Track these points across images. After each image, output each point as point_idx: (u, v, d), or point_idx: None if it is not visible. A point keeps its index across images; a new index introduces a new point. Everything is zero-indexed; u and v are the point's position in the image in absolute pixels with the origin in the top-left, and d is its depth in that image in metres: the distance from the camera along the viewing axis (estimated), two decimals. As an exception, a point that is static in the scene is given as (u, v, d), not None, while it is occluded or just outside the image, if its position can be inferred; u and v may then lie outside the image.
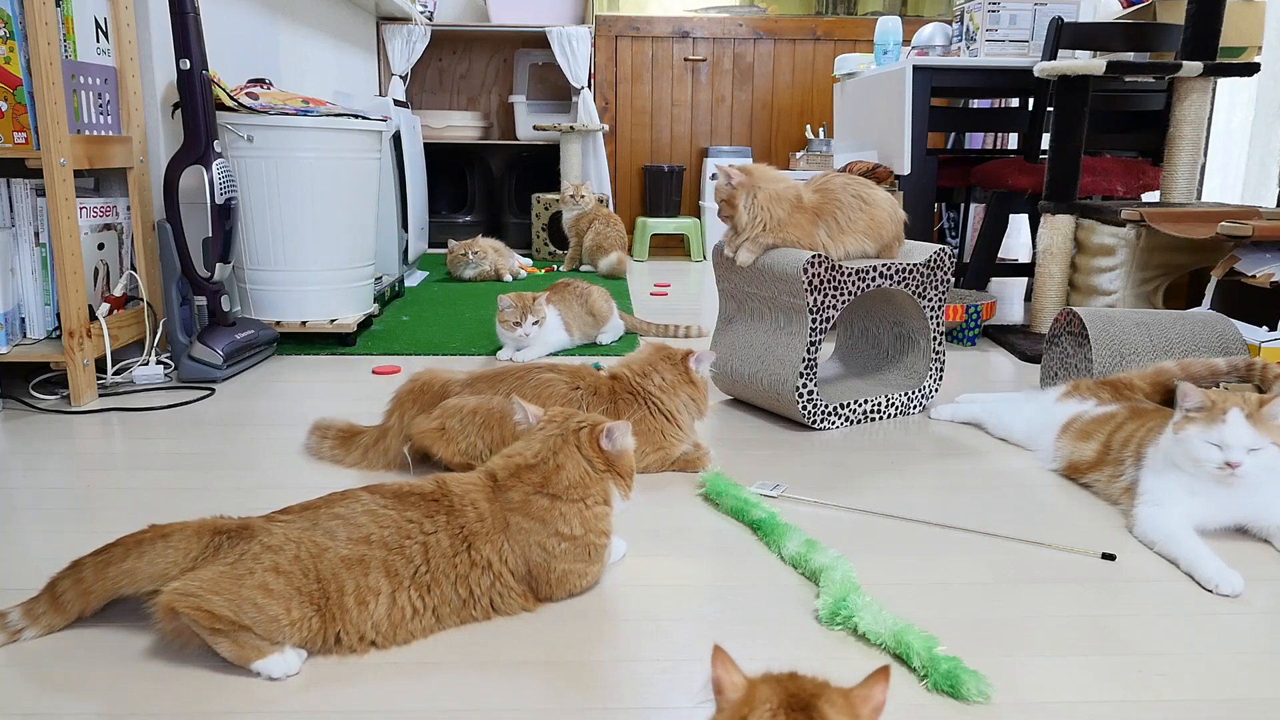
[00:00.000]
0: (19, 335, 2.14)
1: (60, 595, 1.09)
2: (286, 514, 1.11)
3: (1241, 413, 1.37)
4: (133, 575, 1.05)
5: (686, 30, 4.98)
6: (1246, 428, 1.35)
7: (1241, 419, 1.36)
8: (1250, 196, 3.70)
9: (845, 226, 1.97)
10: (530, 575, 1.17)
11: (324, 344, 2.68)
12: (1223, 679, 1.06)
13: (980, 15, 3.25)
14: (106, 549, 1.08)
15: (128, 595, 1.07)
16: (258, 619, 1.00)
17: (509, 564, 1.15)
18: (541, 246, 4.73)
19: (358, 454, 1.72)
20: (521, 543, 1.15)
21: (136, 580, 1.05)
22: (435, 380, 1.72)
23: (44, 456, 1.75)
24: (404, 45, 4.88)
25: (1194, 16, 2.76)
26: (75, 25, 2.11)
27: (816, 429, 1.97)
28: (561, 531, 1.16)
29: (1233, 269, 2.19)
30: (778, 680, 0.71)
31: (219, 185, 2.28)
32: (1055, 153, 2.73)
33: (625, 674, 1.06)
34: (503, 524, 1.15)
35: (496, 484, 1.18)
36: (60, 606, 1.10)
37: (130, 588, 1.06)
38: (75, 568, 1.09)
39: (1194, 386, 1.42)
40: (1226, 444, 1.35)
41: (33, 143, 1.98)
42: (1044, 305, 2.78)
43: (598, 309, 2.76)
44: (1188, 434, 1.40)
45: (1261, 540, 1.42)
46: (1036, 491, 1.64)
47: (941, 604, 1.23)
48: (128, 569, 1.05)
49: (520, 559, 1.15)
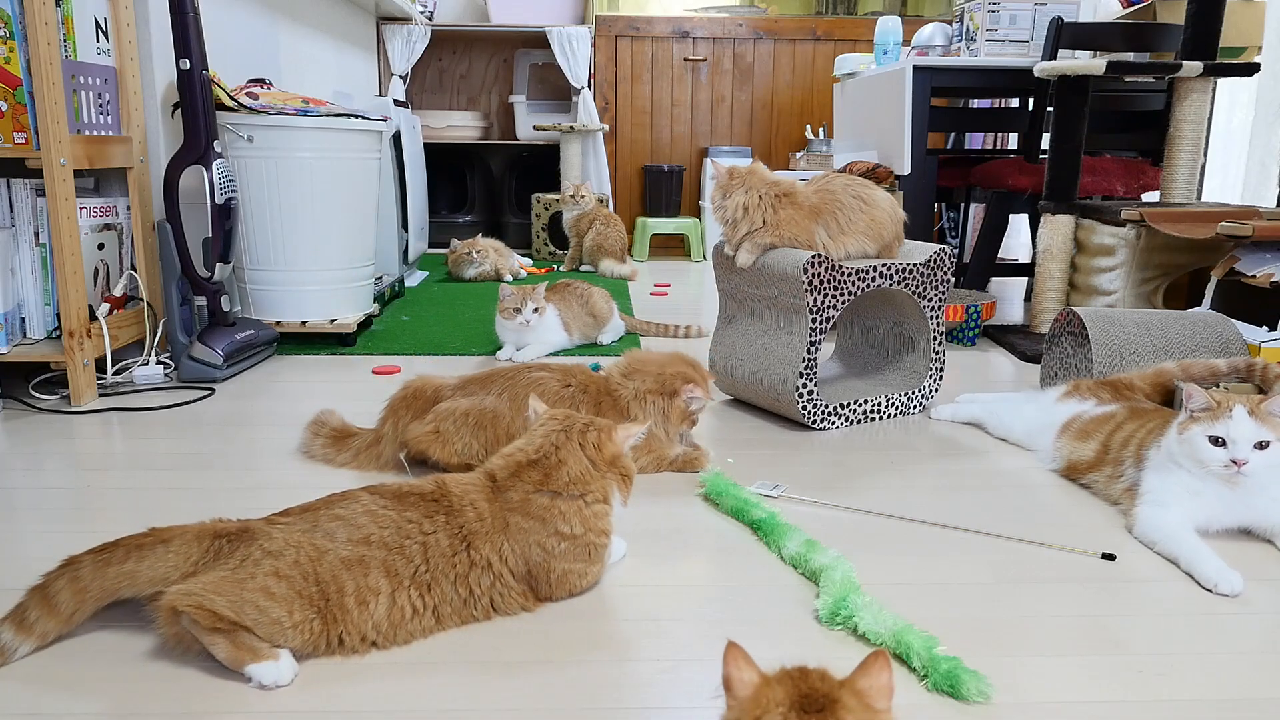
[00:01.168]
0: (19, 335, 2.14)
1: (54, 596, 1.05)
2: (286, 516, 1.11)
3: (1245, 409, 1.37)
4: (133, 578, 1.05)
5: (686, 30, 4.98)
6: (1251, 423, 1.35)
7: (1246, 415, 1.36)
8: (1250, 196, 3.70)
9: (845, 227, 1.97)
10: (530, 575, 1.17)
11: (324, 344, 2.68)
12: (1223, 679, 1.06)
13: (980, 15, 3.25)
14: (106, 549, 1.07)
15: (125, 598, 1.07)
16: (259, 621, 1.00)
17: (509, 564, 1.15)
18: (541, 246, 4.73)
19: (348, 455, 1.72)
20: (521, 542, 1.15)
21: (136, 583, 1.05)
22: (427, 386, 1.73)
23: (44, 456, 1.75)
24: (404, 45, 4.88)
25: (1194, 16, 2.76)
26: (75, 25, 2.11)
27: (816, 429, 1.97)
28: (561, 531, 1.16)
29: (1233, 269, 2.19)
30: (790, 678, 0.69)
31: (219, 185, 2.28)
32: (1055, 153, 2.73)
33: (625, 674, 1.06)
34: (502, 524, 1.15)
35: (496, 484, 1.18)
36: (54, 608, 1.05)
37: (130, 590, 1.05)
38: (71, 565, 1.06)
39: (1198, 388, 1.42)
40: (1232, 439, 1.35)
41: (33, 143, 1.98)
42: (1044, 305, 2.78)
43: (598, 310, 2.76)
44: (1192, 434, 1.39)
45: (1264, 541, 1.42)
46: (1036, 491, 1.64)
47: (941, 604, 1.23)
48: (128, 571, 1.05)
49: (520, 559, 1.15)
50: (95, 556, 1.06)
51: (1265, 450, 1.35)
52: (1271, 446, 1.35)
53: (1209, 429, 1.38)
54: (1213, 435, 1.37)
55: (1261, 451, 1.35)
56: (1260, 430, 1.35)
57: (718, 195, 2.01)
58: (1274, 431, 1.35)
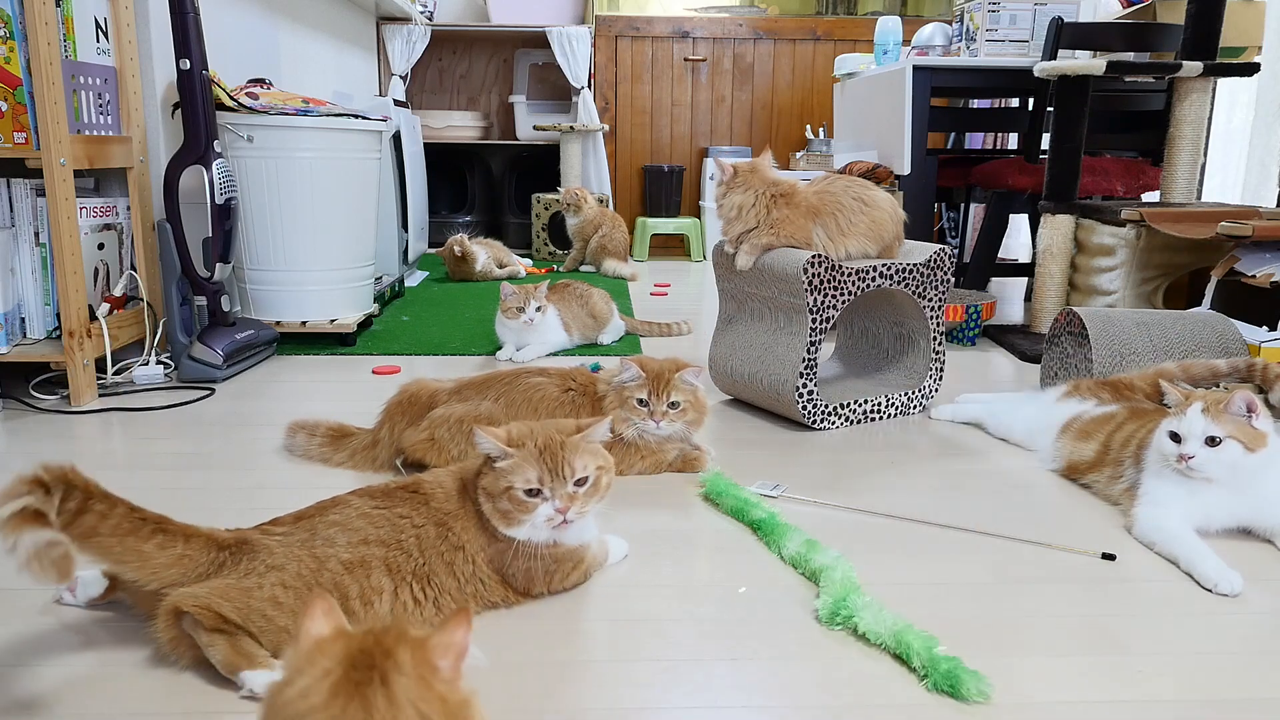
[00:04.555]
0: (19, 335, 2.14)
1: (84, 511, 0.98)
2: (279, 525, 1.12)
3: (1201, 406, 1.40)
4: (144, 562, 1.01)
5: (686, 30, 4.98)
6: (1202, 420, 1.39)
7: (1199, 412, 1.40)
8: (1250, 196, 3.70)
9: (845, 228, 1.97)
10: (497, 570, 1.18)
11: (324, 344, 2.68)
12: (1222, 679, 1.06)
13: (980, 15, 3.25)
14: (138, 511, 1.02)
15: (125, 580, 1.05)
16: (265, 629, 1.01)
17: (476, 546, 1.16)
18: (541, 247, 4.73)
19: (345, 454, 1.72)
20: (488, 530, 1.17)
21: (146, 567, 1.01)
22: (423, 391, 1.72)
23: (44, 456, 1.74)
24: (404, 45, 4.88)
25: (1194, 16, 2.76)
26: (75, 25, 2.11)
27: (816, 429, 1.97)
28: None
29: (1233, 269, 2.19)
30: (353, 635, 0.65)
31: (219, 185, 2.28)
32: (1055, 153, 2.73)
33: (625, 674, 1.06)
34: (464, 500, 1.17)
35: (463, 470, 1.21)
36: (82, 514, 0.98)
37: (133, 571, 1.01)
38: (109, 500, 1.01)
39: (1171, 385, 1.49)
40: (1183, 435, 1.40)
41: (33, 143, 1.98)
42: (1044, 305, 2.78)
43: (598, 311, 2.76)
44: (1160, 428, 1.45)
45: (1263, 540, 1.42)
46: (1036, 491, 1.64)
47: (941, 604, 1.23)
48: (143, 552, 1.01)
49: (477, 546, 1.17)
50: (129, 512, 1.01)
51: (1216, 447, 1.38)
52: (1223, 444, 1.37)
53: (1170, 424, 1.43)
54: (1171, 431, 1.42)
55: (1212, 448, 1.38)
56: (1211, 427, 1.38)
57: (720, 191, 2.01)
58: (1225, 429, 1.37)
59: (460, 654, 0.65)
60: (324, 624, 0.66)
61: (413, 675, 0.63)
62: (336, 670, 0.62)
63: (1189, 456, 1.38)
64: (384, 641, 0.64)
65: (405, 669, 0.63)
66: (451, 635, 0.65)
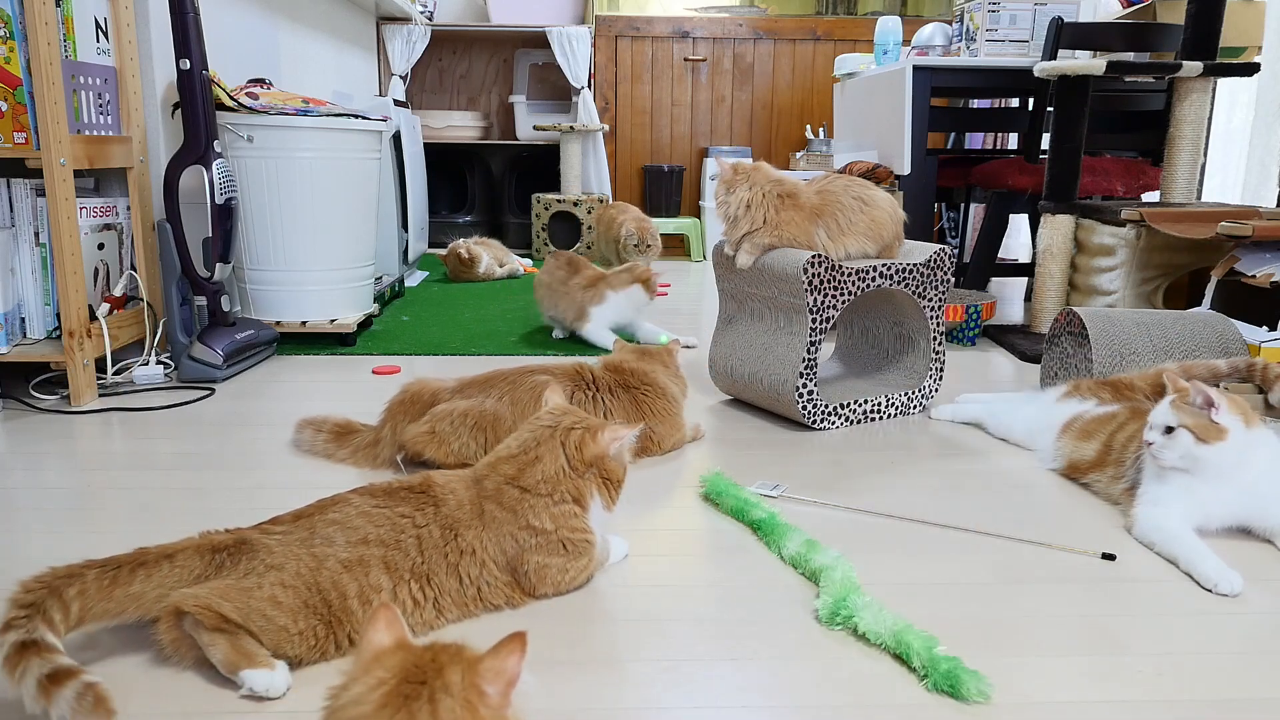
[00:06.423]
0: (19, 335, 2.14)
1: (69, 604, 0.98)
2: (278, 524, 1.11)
3: (1170, 399, 1.44)
4: (140, 600, 1.02)
5: (686, 30, 4.98)
6: (1165, 410, 1.43)
7: (1166, 404, 1.44)
8: (1250, 196, 3.70)
9: (845, 228, 1.97)
10: (511, 567, 1.18)
11: (324, 344, 2.68)
12: (1223, 679, 1.06)
13: (980, 15, 3.25)
14: (110, 564, 1.02)
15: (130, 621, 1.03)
16: (265, 628, 1.01)
17: (489, 552, 1.16)
18: (541, 247, 4.73)
19: (348, 451, 1.73)
20: (496, 532, 1.16)
21: (143, 604, 1.02)
22: (425, 390, 1.73)
23: (44, 456, 1.75)
24: (404, 45, 4.88)
25: (1194, 16, 2.76)
26: (75, 25, 2.11)
27: (816, 429, 1.97)
28: (532, 524, 1.17)
29: (1233, 269, 2.19)
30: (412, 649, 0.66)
31: (219, 185, 2.28)
32: (1055, 153, 2.73)
33: (625, 674, 1.06)
34: (479, 510, 1.17)
35: (476, 474, 1.21)
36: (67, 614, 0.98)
37: (135, 613, 1.02)
38: (76, 577, 1.00)
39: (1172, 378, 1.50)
40: (1148, 424, 1.44)
41: (33, 143, 1.98)
42: (1044, 305, 2.78)
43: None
44: None
45: (1263, 540, 1.42)
46: (1036, 491, 1.64)
47: (941, 604, 1.23)
48: (134, 594, 1.01)
49: (498, 548, 1.16)
50: (101, 572, 1.01)
51: (1169, 435, 1.41)
52: (1176, 433, 1.40)
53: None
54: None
55: (1166, 436, 1.41)
56: (1169, 417, 1.41)
57: (721, 190, 2.01)
58: (1179, 419, 1.40)
59: (511, 681, 0.65)
60: (386, 635, 0.67)
61: (459, 698, 0.63)
62: (390, 682, 0.63)
63: (1149, 443, 1.43)
64: (439, 659, 0.65)
65: (453, 690, 0.63)
66: (504, 661, 0.65)
